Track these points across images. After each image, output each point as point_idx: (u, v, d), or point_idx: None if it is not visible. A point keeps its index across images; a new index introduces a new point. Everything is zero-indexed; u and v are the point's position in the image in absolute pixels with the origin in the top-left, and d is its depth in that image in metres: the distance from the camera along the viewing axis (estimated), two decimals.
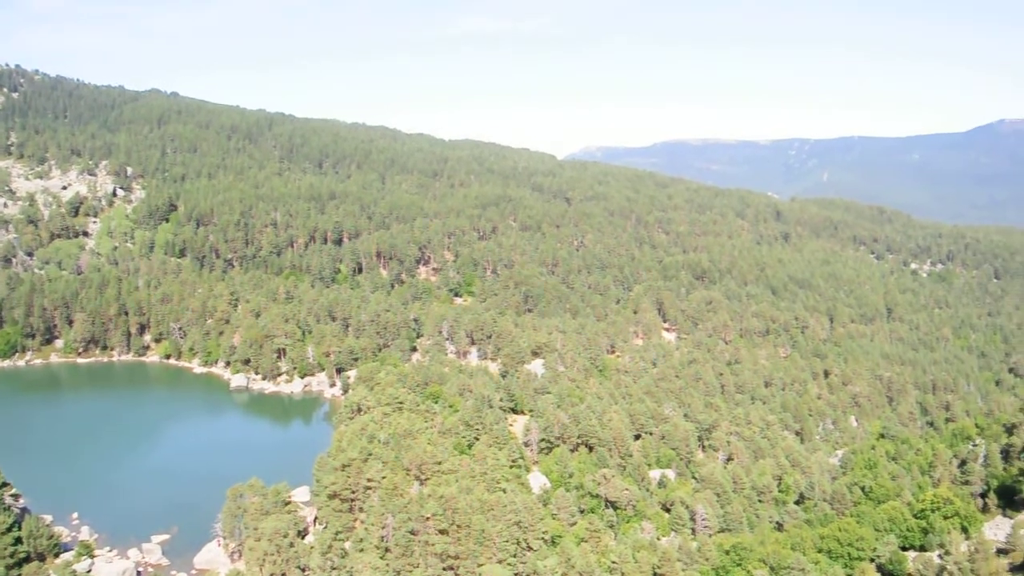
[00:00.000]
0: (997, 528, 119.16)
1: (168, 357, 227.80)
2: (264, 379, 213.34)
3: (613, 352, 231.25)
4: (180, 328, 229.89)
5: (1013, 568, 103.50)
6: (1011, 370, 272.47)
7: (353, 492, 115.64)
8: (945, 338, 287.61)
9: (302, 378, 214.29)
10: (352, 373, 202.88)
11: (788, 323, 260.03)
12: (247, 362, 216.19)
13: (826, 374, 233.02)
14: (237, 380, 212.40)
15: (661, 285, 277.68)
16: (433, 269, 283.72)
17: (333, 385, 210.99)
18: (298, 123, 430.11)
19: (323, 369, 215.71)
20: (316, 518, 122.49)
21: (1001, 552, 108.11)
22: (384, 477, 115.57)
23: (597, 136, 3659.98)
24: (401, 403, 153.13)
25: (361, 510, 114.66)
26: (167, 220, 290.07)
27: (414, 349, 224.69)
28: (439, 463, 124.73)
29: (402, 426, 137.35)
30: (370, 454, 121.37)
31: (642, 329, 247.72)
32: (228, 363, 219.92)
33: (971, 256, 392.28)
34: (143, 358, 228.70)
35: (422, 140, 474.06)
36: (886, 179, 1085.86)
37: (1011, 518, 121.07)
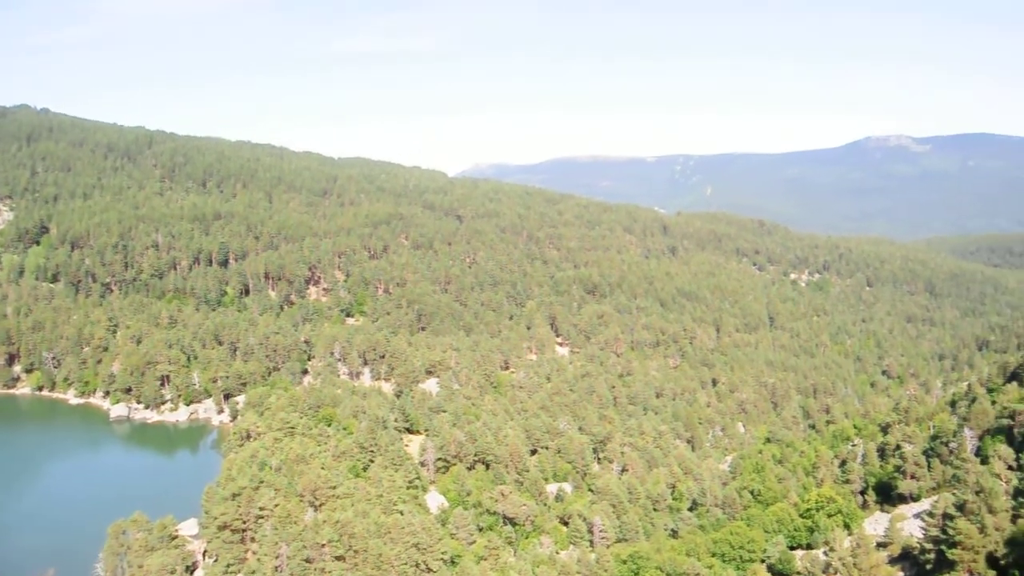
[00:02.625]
0: (876, 523, 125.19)
1: (41, 388, 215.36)
2: (147, 408, 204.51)
3: (507, 368, 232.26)
4: (53, 357, 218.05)
5: (892, 560, 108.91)
6: (884, 372, 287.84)
7: (244, 522, 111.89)
8: (824, 344, 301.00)
9: (188, 405, 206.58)
10: (241, 399, 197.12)
11: (677, 334, 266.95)
12: (128, 391, 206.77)
13: (714, 383, 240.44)
14: (117, 410, 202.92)
15: (553, 300, 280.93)
16: (324, 289, 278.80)
17: (221, 412, 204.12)
18: (180, 141, 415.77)
19: (210, 395, 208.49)
20: (206, 551, 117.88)
21: (880, 545, 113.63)
22: (277, 505, 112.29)
23: (488, 153, 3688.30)
24: (293, 428, 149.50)
25: (253, 540, 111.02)
26: (38, 243, 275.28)
27: (305, 372, 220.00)
28: (334, 487, 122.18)
29: (294, 451, 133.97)
30: (261, 481, 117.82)
31: (535, 344, 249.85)
32: (107, 392, 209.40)
33: (845, 266, 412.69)
34: (12, 390, 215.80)
35: (310, 158, 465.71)
36: (765, 193, 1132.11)
37: (888, 513, 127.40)
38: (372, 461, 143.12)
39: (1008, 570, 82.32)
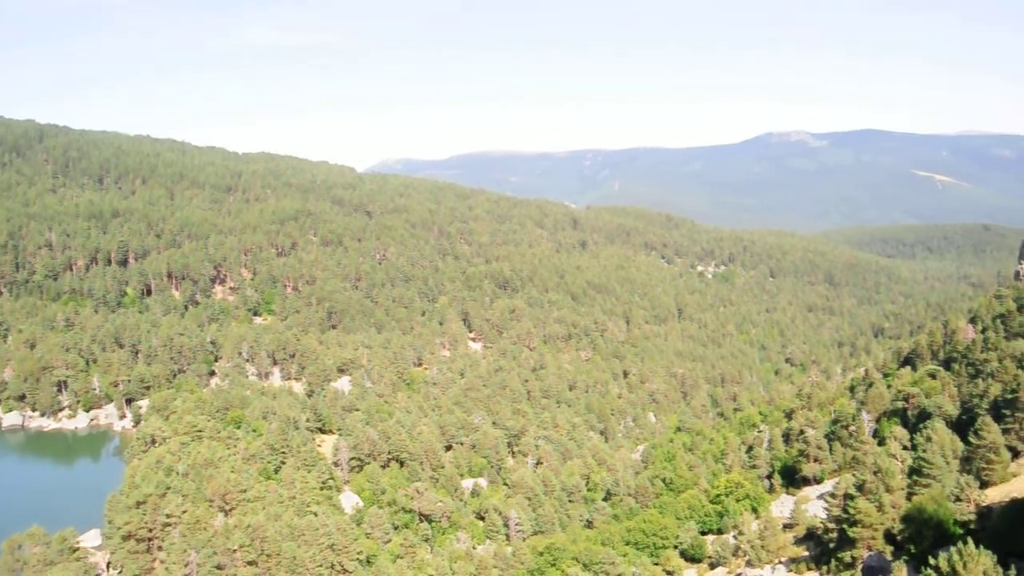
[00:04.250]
0: (782, 505, 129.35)
1: None
2: (43, 415, 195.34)
3: (420, 365, 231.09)
4: None
5: (797, 540, 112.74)
6: (787, 360, 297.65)
7: (151, 530, 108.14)
8: (730, 334, 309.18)
9: (87, 412, 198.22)
10: (144, 403, 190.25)
11: (588, 327, 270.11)
12: (22, 398, 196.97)
13: (625, 374, 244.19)
14: (10, 419, 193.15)
15: (465, 295, 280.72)
16: (230, 288, 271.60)
17: (123, 417, 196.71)
18: (74, 135, 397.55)
19: (111, 400, 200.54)
20: (110, 563, 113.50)
21: (787, 527, 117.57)
22: (185, 511, 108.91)
23: (397, 148, 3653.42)
24: (200, 431, 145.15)
25: (160, 549, 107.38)
26: None
27: (212, 373, 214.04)
28: (244, 491, 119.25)
29: (202, 455, 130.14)
30: (168, 488, 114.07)
31: (448, 340, 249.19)
32: None
33: (749, 258, 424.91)
34: None
35: (214, 153, 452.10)
36: (672, 187, 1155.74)
37: (793, 495, 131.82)
38: (284, 463, 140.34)
39: (904, 545, 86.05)
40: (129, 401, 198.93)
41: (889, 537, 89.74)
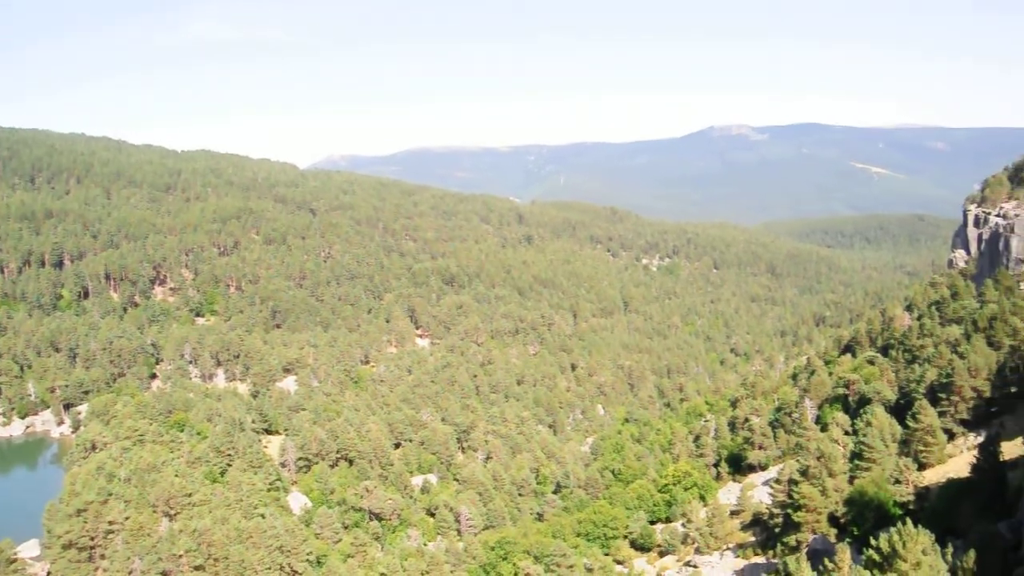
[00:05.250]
0: (729, 493, 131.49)
1: None
2: None
3: (368, 363, 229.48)
4: None
5: (744, 526, 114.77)
6: (732, 350, 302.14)
7: (92, 539, 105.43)
8: (675, 325, 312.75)
9: (23, 419, 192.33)
10: (83, 408, 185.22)
11: (535, 322, 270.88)
12: None
13: (573, 367, 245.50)
14: None
15: (412, 292, 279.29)
16: (171, 289, 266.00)
17: (61, 423, 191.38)
18: (3, 134, 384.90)
19: (48, 406, 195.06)
20: (50, 573, 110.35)
21: (733, 513, 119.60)
22: (128, 518, 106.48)
23: (340, 145, 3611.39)
24: (142, 435, 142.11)
25: (103, 557, 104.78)
26: None
27: (154, 376, 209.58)
28: (189, 495, 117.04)
29: (145, 460, 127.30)
30: (110, 494, 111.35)
31: (395, 337, 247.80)
32: None
33: (693, 250, 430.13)
34: None
35: (152, 151, 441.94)
36: (617, 181, 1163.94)
37: (739, 482, 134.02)
38: (230, 465, 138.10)
39: (847, 527, 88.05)
40: (67, 407, 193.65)
41: (833, 520, 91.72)
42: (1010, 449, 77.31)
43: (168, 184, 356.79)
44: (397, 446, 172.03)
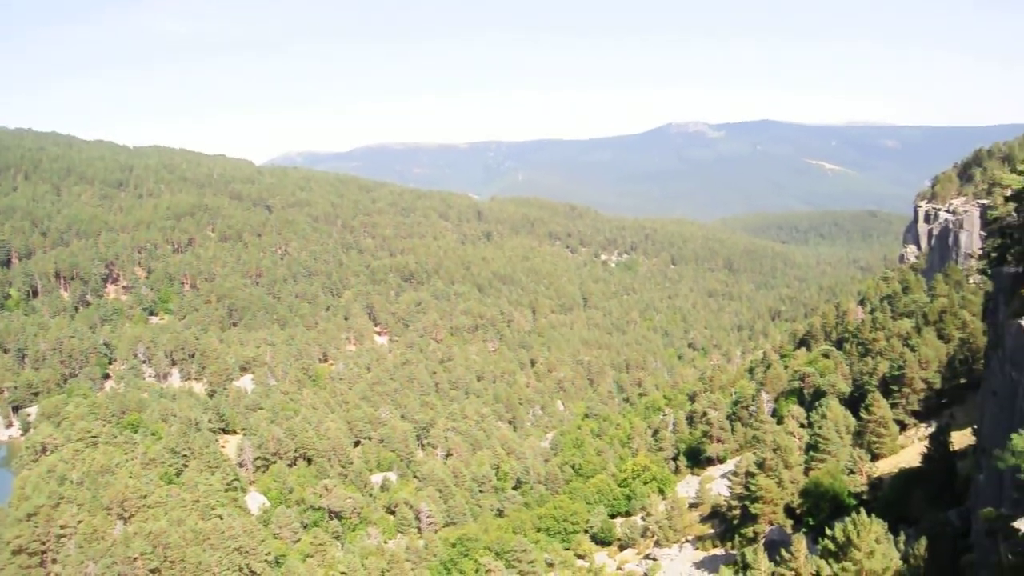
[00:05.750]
0: (688, 486, 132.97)
1: None
2: None
3: (326, 360, 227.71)
4: None
5: (703, 519, 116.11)
6: (690, 345, 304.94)
7: (44, 543, 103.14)
8: (634, 321, 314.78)
9: None
10: (33, 410, 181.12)
11: (495, 318, 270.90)
12: None
13: (532, 363, 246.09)
14: None
15: (370, 289, 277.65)
16: (123, 287, 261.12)
17: (10, 426, 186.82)
18: None
19: None
20: None
21: (692, 506, 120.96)
22: (81, 521, 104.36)
23: (297, 141, 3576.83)
24: (95, 437, 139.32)
25: (55, 562, 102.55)
26: None
27: (107, 376, 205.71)
28: (144, 497, 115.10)
29: (98, 462, 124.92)
30: (62, 498, 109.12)
31: (354, 335, 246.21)
32: None
33: (651, 246, 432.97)
34: None
35: (103, 147, 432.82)
36: (575, 178, 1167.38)
37: (698, 475, 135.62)
38: (186, 466, 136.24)
39: (803, 518, 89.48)
40: (16, 408, 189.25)
41: (789, 511, 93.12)
42: (959, 439, 79.08)
43: (120, 180, 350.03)
44: (356, 444, 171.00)
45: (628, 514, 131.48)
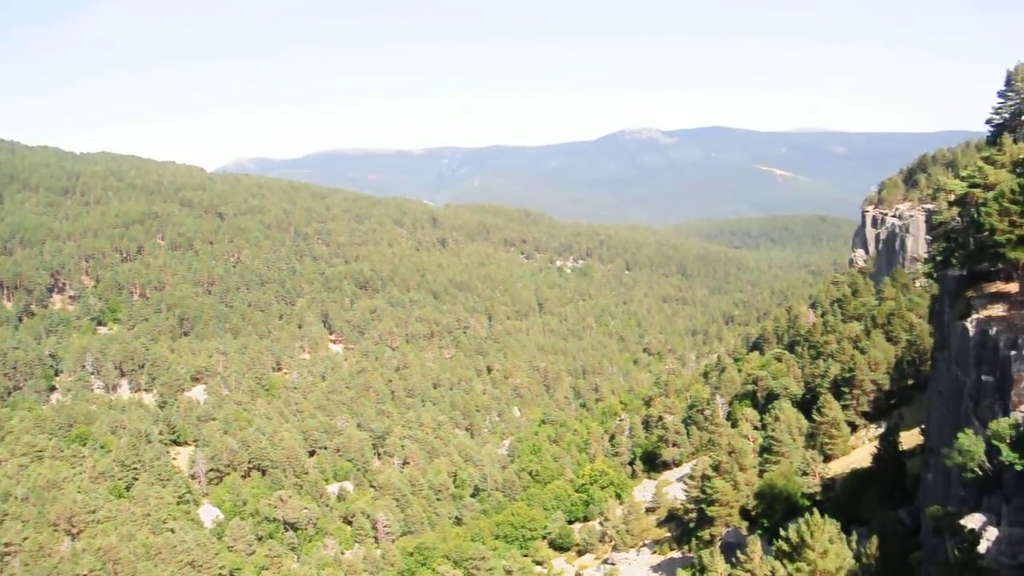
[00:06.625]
0: (644, 490, 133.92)
1: None
2: None
3: (280, 369, 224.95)
4: None
5: (660, 522, 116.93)
6: (645, 350, 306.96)
7: None
8: (590, 326, 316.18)
9: None
10: None
11: (451, 325, 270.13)
12: None
13: (489, 370, 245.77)
14: None
15: (325, 297, 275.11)
16: (70, 297, 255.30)
17: None
18: None
19: None
20: None
21: (649, 510, 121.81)
22: (26, 538, 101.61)
23: (249, 147, 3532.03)
24: (41, 451, 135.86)
25: None
26: None
27: (53, 389, 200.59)
28: (93, 512, 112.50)
29: (44, 477, 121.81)
30: (6, 514, 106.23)
31: (308, 343, 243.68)
32: None
33: (606, 251, 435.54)
34: None
35: (48, 153, 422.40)
36: (530, 184, 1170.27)
37: (655, 479, 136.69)
38: (136, 479, 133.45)
39: (758, 519, 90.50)
40: None
41: (744, 513, 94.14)
42: (908, 439, 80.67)
43: (66, 187, 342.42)
44: (312, 454, 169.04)
45: (586, 519, 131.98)
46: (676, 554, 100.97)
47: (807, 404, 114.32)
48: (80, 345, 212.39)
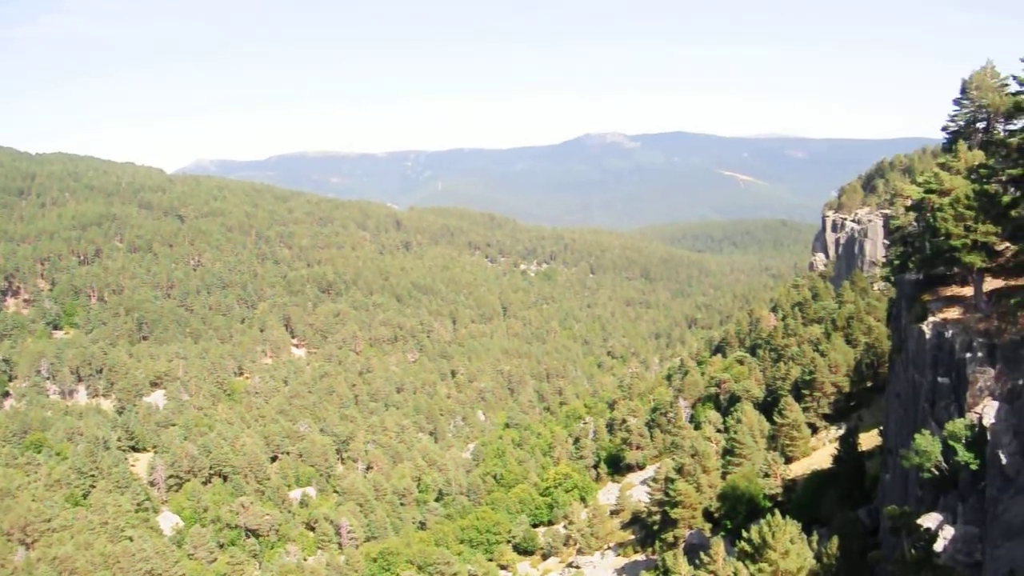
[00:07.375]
0: (609, 493, 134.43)
1: None
2: None
3: (241, 374, 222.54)
4: None
5: (624, 525, 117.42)
6: (609, 353, 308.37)
7: None
8: (554, 330, 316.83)
9: None
10: None
11: (415, 329, 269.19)
12: None
13: (453, 374, 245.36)
14: None
15: (287, 301, 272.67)
16: (24, 300, 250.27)
17: None
18: None
19: None
20: None
21: (613, 513, 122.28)
22: None
23: (210, 149, 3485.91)
24: None
25: None
26: None
27: (7, 395, 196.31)
28: (49, 520, 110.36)
29: None
30: None
31: (270, 347, 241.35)
32: None
33: (570, 255, 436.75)
34: None
35: (2, 153, 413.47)
36: (495, 187, 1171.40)
37: (619, 482, 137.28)
38: (93, 486, 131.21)
39: (721, 521, 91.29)
40: None
41: (707, 515, 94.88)
42: (867, 440, 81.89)
43: (21, 188, 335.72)
44: (274, 459, 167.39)
45: (551, 523, 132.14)
46: (640, 556, 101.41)
47: (768, 406, 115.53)
48: (35, 350, 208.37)
